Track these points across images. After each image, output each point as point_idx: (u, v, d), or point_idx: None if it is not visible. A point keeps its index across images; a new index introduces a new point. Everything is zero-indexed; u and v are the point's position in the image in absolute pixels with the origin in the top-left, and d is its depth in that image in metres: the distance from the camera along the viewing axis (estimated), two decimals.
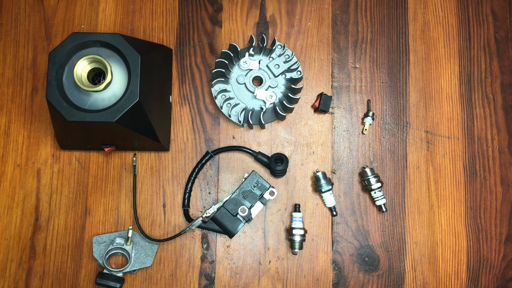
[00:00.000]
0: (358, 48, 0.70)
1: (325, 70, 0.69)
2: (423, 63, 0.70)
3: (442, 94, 0.69)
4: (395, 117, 0.68)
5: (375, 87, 0.69)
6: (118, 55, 0.57)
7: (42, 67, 0.68)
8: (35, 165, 0.66)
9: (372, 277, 0.65)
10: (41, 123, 0.67)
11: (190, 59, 0.69)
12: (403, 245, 0.66)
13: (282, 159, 0.64)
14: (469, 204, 0.67)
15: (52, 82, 0.55)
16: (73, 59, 0.57)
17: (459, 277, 0.65)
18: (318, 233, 0.65)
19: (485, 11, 0.71)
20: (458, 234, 0.66)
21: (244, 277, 0.64)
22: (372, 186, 0.64)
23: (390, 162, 0.67)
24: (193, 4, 0.70)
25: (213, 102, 0.68)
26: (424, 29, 0.70)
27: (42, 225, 0.65)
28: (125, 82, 0.57)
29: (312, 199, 0.66)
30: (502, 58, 0.70)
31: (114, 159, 0.66)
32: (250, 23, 0.70)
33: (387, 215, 0.66)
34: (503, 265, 0.66)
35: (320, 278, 0.65)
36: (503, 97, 0.69)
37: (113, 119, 0.54)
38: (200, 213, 0.65)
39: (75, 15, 0.69)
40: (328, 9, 0.71)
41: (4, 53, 0.68)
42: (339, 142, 0.68)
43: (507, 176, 0.67)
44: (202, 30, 0.70)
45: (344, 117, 0.68)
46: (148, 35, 0.69)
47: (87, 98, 0.56)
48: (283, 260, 0.65)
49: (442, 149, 0.68)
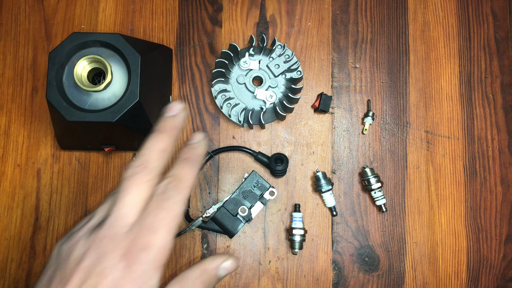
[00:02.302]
0: (358, 48, 0.70)
1: (325, 70, 0.69)
2: (423, 63, 0.70)
3: (442, 94, 0.69)
4: (395, 117, 0.68)
5: (375, 87, 0.69)
6: (118, 55, 0.57)
7: (42, 67, 0.68)
8: (35, 165, 0.66)
9: (372, 277, 0.65)
10: (41, 123, 0.67)
11: (190, 59, 0.69)
12: (403, 245, 0.66)
13: (282, 159, 0.64)
14: (469, 204, 0.67)
15: (52, 82, 0.55)
16: (73, 59, 0.57)
17: (459, 277, 0.65)
18: (318, 233, 0.65)
19: (485, 11, 0.71)
20: (458, 234, 0.66)
21: (244, 277, 0.64)
22: (372, 186, 0.64)
23: (390, 162, 0.67)
24: (193, 4, 0.70)
25: (213, 102, 0.68)
26: (424, 29, 0.70)
27: (42, 225, 0.65)
28: (125, 82, 0.57)
29: (312, 199, 0.66)
30: (502, 58, 0.70)
31: (114, 159, 0.66)
32: (250, 23, 0.70)
33: (387, 215, 0.66)
34: (503, 265, 0.66)
35: (320, 278, 0.65)
36: (503, 97, 0.69)
37: (113, 119, 0.54)
38: (200, 213, 0.65)
39: (75, 15, 0.69)
40: (328, 9, 0.71)
41: (4, 53, 0.68)
42: (339, 142, 0.68)
43: (507, 176, 0.67)
44: (202, 30, 0.70)
45: (344, 117, 0.68)
46: (148, 35, 0.69)
47: (87, 98, 0.56)
48: (283, 260, 0.65)
49: (442, 149, 0.68)
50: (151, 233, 0.35)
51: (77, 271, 0.34)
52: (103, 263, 0.34)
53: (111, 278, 0.34)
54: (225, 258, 0.40)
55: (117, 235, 0.35)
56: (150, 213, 0.35)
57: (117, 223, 0.35)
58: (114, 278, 0.34)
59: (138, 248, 0.34)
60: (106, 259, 0.34)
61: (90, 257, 0.35)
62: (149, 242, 0.34)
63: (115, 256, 0.34)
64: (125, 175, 0.36)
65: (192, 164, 0.38)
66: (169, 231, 0.35)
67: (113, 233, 0.35)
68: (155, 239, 0.35)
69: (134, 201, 0.35)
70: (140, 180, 0.36)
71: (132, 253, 0.34)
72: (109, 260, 0.34)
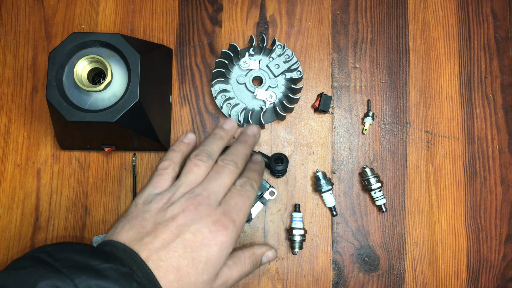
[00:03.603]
0: (358, 48, 0.70)
1: (325, 70, 0.69)
2: (423, 63, 0.70)
3: (442, 94, 0.69)
4: (395, 117, 0.68)
5: (375, 87, 0.69)
6: (118, 55, 0.57)
7: (42, 67, 0.68)
8: (35, 165, 0.66)
9: (372, 277, 0.65)
10: (41, 123, 0.67)
11: (190, 59, 0.69)
12: (403, 245, 0.66)
13: (282, 159, 0.64)
14: (469, 204, 0.67)
15: (52, 82, 0.55)
16: (73, 59, 0.57)
17: (459, 277, 0.65)
18: (318, 233, 0.65)
19: (485, 11, 0.71)
20: (458, 234, 0.66)
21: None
22: (372, 186, 0.64)
23: (390, 162, 0.67)
24: (193, 4, 0.70)
25: (213, 102, 0.68)
26: (424, 29, 0.70)
27: (42, 225, 0.65)
28: (125, 82, 0.57)
29: (312, 199, 0.66)
30: (502, 58, 0.70)
31: (114, 159, 0.66)
32: (250, 23, 0.70)
33: (387, 215, 0.66)
34: (503, 265, 0.66)
35: (320, 278, 0.65)
36: (503, 97, 0.69)
37: (113, 119, 0.54)
38: None
39: (75, 15, 0.69)
40: (328, 9, 0.71)
41: (4, 53, 0.68)
42: (339, 142, 0.68)
43: (507, 176, 0.67)
44: (202, 30, 0.70)
45: (344, 117, 0.68)
46: (148, 35, 0.69)
47: (87, 98, 0.56)
48: (283, 260, 0.65)
49: (442, 149, 0.68)
50: (237, 211, 0.46)
51: (172, 226, 0.43)
52: (198, 224, 0.43)
53: (202, 237, 0.42)
54: (269, 248, 0.54)
55: (211, 206, 0.45)
56: (235, 197, 0.47)
57: (212, 197, 0.45)
58: (204, 237, 0.43)
59: (226, 219, 0.44)
60: (200, 222, 0.43)
61: (187, 217, 0.43)
62: (234, 218, 0.45)
63: (208, 221, 0.43)
64: (221, 163, 0.49)
65: (259, 174, 0.54)
66: (246, 214, 0.47)
67: (208, 203, 0.45)
68: (239, 216, 0.46)
69: (224, 185, 0.47)
70: (230, 170, 0.49)
71: (221, 222, 0.44)
72: (203, 223, 0.43)
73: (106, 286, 0.37)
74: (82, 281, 0.36)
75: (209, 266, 0.42)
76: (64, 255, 0.40)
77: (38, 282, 0.35)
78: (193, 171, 0.49)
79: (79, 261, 0.39)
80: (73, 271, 0.37)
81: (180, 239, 0.42)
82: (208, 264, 0.42)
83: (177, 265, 0.41)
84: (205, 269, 0.42)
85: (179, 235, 0.42)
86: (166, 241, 0.42)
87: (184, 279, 0.41)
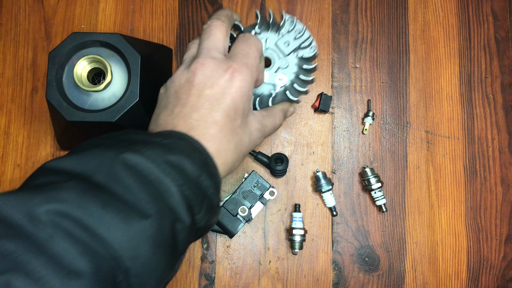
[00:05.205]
0: (358, 48, 0.70)
1: (325, 70, 0.69)
2: (423, 63, 0.70)
3: (442, 94, 0.69)
4: (395, 117, 0.68)
5: (375, 87, 0.69)
6: (118, 55, 0.57)
7: (42, 67, 0.68)
8: (35, 165, 0.66)
9: (372, 277, 0.65)
10: (41, 123, 0.67)
11: None
12: (403, 245, 0.66)
13: (282, 159, 0.64)
14: (469, 204, 0.67)
15: (52, 82, 0.55)
16: (73, 59, 0.57)
17: (459, 277, 0.65)
18: (318, 233, 0.65)
19: (485, 11, 0.71)
20: (458, 234, 0.66)
21: (244, 277, 0.64)
22: (372, 186, 0.64)
23: (390, 162, 0.67)
24: (193, 4, 0.70)
25: None
26: (424, 29, 0.70)
27: None
28: (125, 82, 0.57)
29: (312, 199, 0.66)
30: (502, 58, 0.70)
31: None
32: (250, 23, 0.70)
33: (387, 215, 0.66)
34: (503, 265, 0.66)
35: (320, 278, 0.65)
36: (503, 97, 0.69)
37: (113, 119, 0.54)
38: None
39: (75, 15, 0.69)
40: (328, 9, 0.71)
41: (4, 53, 0.68)
42: (339, 142, 0.68)
43: (507, 176, 0.67)
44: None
45: (344, 117, 0.68)
46: (148, 35, 0.69)
47: (87, 98, 0.56)
48: (283, 260, 0.65)
49: (442, 149, 0.68)
50: (244, 55, 0.46)
51: (193, 87, 0.45)
52: (213, 77, 0.44)
53: (220, 88, 0.44)
54: (290, 104, 0.56)
55: (217, 59, 0.45)
56: (240, 45, 0.47)
57: (212, 52, 0.46)
58: (223, 87, 0.44)
59: (237, 64, 0.45)
60: (213, 75, 0.44)
61: (200, 75, 0.45)
62: (245, 61, 0.46)
63: (220, 72, 0.44)
64: (205, 26, 0.49)
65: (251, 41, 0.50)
66: (256, 56, 0.47)
67: (212, 57, 0.46)
68: (248, 59, 0.46)
69: (217, 39, 0.47)
70: (216, 25, 0.48)
71: (233, 68, 0.45)
72: (216, 75, 0.44)
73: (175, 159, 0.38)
74: (150, 154, 0.37)
75: (238, 111, 0.44)
76: (124, 137, 0.40)
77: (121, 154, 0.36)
78: (190, 48, 0.50)
79: (143, 139, 0.39)
80: (141, 146, 0.38)
81: (202, 97, 0.43)
82: (237, 109, 0.44)
83: (212, 119, 0.43)
84: (236, 114, 0.44)
85: (200, 95, 0.44)
86: (192, 103, 0.44)
87: (224, 128, 0.43)
